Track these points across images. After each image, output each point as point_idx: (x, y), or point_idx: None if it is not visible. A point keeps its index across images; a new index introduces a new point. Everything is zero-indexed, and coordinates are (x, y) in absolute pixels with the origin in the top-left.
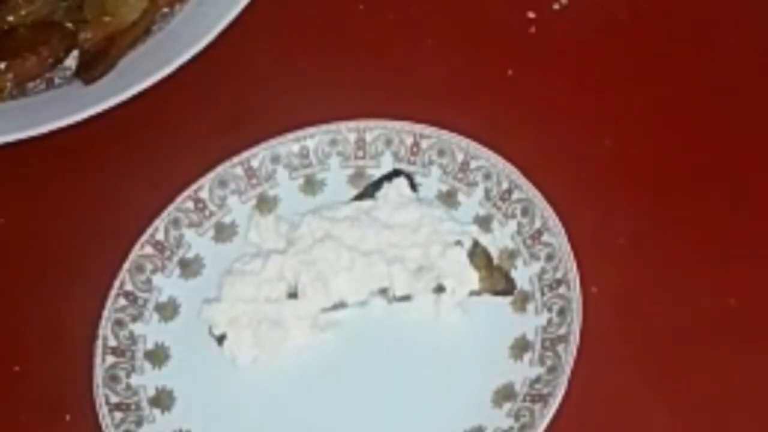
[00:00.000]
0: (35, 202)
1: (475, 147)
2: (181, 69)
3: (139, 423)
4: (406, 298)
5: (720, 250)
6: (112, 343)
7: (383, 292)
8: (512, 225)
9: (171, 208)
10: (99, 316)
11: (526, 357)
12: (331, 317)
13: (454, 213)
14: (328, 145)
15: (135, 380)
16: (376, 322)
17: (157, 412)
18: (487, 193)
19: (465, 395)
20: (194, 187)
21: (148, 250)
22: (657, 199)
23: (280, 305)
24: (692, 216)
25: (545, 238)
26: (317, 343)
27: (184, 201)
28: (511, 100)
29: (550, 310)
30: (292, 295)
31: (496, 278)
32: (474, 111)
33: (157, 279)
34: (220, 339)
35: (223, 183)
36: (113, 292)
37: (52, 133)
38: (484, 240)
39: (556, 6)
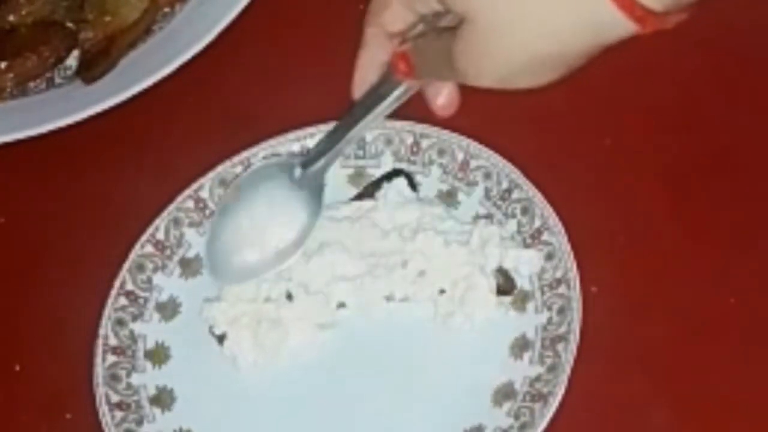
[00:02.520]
0: (35, 202)
1: (475, 146)
2: (181, 69)
3: (139, 422)
4: (406, 298)
5: (720, 250)
6: (113, 342)
7: (383, 292)
8: (512, 224)
9: (171, 207)
10: (99, 316)
11: (526, 356)
12: (331, 317)
13: (455, 212)
14: None
15: (135, 379)
16: (376, 322)
17: (157, 411)
18: (487, 192)
19: (465, 394)
20: (195, 186)
21: (149, 249)
22: (657, 199)
23: (281, 305)
24: (692, 216)
25: (545, 237)
26: (317, 343)
27: (184, 200)
28: (511, 100)
29: (550, 309)
30: (292, 295)
31: (497, 278)
32: (474, 111)
33: (158, 278)
34: (221, 338)
35: (223, 182)
36: (114, 291)
37: (52, 133)
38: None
39: None
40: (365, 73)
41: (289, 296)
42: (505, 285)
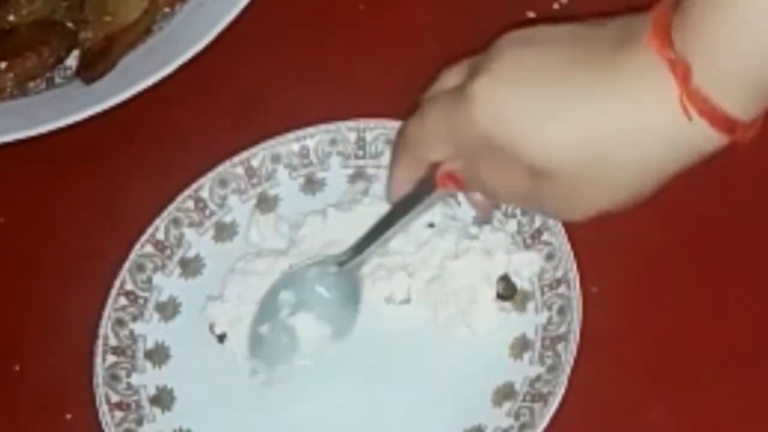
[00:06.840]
0: (35, 202)
1: None
2: (181, 69)
3: (139, 422)
4: (406, 300)
5: (720, 250)
6: (113, 342)
7: (384, 293)
8: (512, 224)
9: (171, 207)
10: (99, 316)
11: (526, 356)
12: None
13: (455, 213)
14: (328, 145)
15: (135, 379)
16: (377, 322)
17: (157, 411)
18: None
19: (465, 394)
20: (195, 186)
21: (149, 249)
22: (657, 198)
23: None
24: (692, 215)
25: (545, 237)
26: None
27: (184, 200)
28: None
29: (550, 309)
30: None
31: (498, 284)
32: None
33: (158, 278)
34: (221, 338)
35: (223, 182)
36: (114, 291)
37: (52, 133)
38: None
39: (556, 5)
40: (401, 187)
41: None
42: (507, 290)
